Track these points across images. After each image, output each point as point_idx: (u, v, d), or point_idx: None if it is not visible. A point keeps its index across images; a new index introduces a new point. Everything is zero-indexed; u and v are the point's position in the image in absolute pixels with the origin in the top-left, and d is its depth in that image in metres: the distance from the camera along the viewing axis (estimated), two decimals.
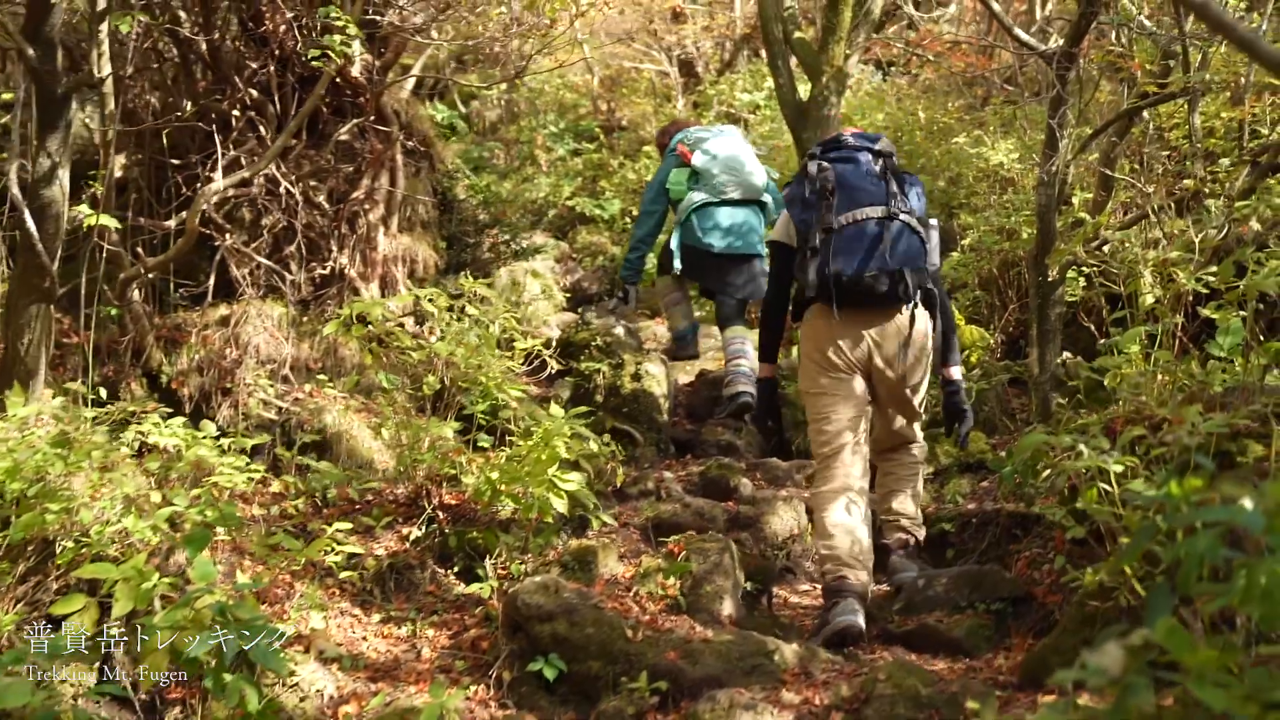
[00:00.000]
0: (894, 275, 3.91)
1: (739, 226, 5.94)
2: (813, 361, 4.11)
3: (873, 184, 4.03)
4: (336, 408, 4.88)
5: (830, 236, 3.94)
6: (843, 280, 3.89)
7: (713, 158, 5.98)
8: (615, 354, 6.37)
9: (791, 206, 4.14)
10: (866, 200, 3.98)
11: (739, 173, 5.97)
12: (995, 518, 4.87)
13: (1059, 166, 5.34)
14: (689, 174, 6.05)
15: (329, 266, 5.73)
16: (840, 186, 4.01)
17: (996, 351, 6.43)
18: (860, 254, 3.91)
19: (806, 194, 4.06)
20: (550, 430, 3.84)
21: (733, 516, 5.23)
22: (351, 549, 3.63)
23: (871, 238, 3.93)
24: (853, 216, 3.95)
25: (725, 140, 6.08)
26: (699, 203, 5.95)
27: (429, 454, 4.10)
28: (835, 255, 3.91)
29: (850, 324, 3.99)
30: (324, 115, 5.73)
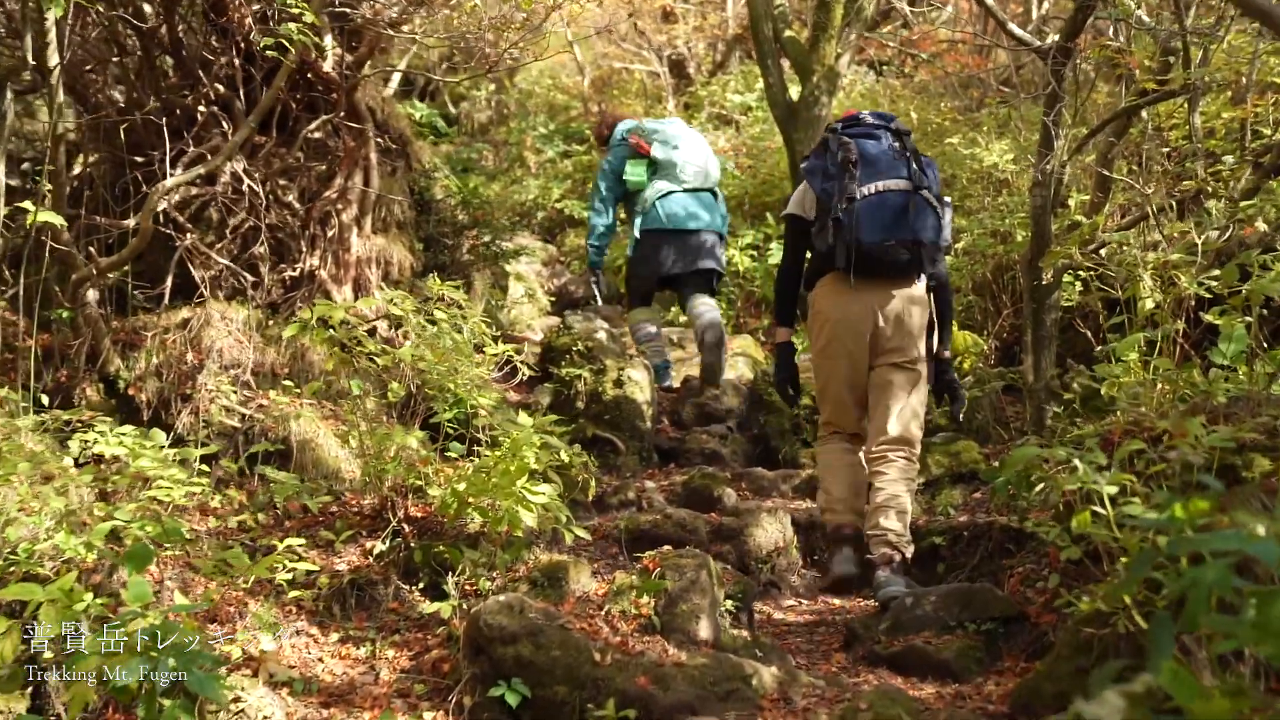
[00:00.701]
0: (913, 247, 4.05)
1: (701, 207, 6.12)
2: (824, 329, 4.24)
3: (893, 157, 4.15)
4: (302, 415, 4.67)
5: (854, 205, 4.03)
6: (863, 248, 4.01)
7: (673, 148, 6.14)
8: (597, 359, 6.18)
9: (812, 178, 4.21)
10: (890, 173, 4.09)
11: (698, 162, 6.16)
12: (988, 531, 4.68)
13: (1054, 166, 5.15)
14: (648, 165, 6.18)
15: (299, 268, 5.52)
16: (863, 159, 4.10)
17: (990, 358, 6.24)
18: (884, 223, 4.03)
19: (829, 165, 4.14)
20: (519, 440, 3.64)
21: (715, 528, 5.04)
22: (306, 565, 3.43)
23: (895, 209, 4.04)
24: (876, 187, 4.05)
25: (679, 131, 6.25)
26: (664, 190, 6.11)
27: (393, 464, 3.89)
28: (859, 223, 4.01)
29: (864, 291, 4.12)
30: (293, 111, 5.53)
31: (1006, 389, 5.97)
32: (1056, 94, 4.79)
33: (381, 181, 6.00)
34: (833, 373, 4.29)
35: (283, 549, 3.38)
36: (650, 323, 6.42)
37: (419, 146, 6.50)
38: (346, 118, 5.73)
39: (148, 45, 4.99)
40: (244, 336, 4.87)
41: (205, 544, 3.83)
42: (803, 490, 5.65)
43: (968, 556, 4.71)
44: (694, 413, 6.44)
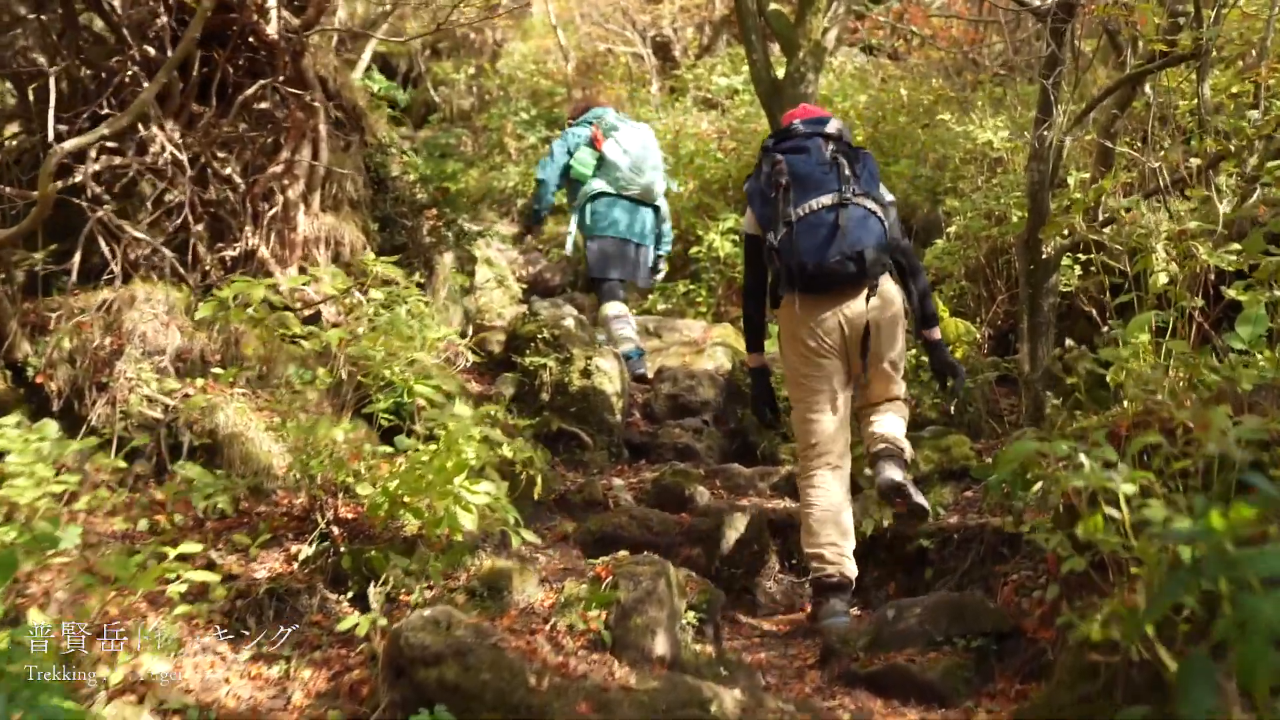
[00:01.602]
0: (856, 258, 4.01)
1: (632, 219, 6.12)
2: (792, 350, 4.21)
3: (824, 172, 4.14)
4: (232, 405, 4.27)
5: (790, 229, 4.06)
6: (807, 270, 4.01)
7: (623, 151, 6.13)
8: (564, 348, 5.79)
9: (752, 201, 4.26)
10: (820, 190, 4.11)
11: (642, 175, 6.15)
12: (980, 534, 4.29)
13: (1054, 138, 4.75)
14: (597, 160, 6.17)
15: (239, 248, 5.11)
16: (794, 178, 4.12)
17: (983, 347, 5.84)
18: (820, 242, 4.03)
19: (764, 187, 4.18)
20: (455, 433, 3.24)
21: (686, 530, 4.66)
22: (203, 576, 3.02)
23: (829, 225, 4.05)
24: (809, 207, 4.07)
25: (638, 137, 6.23)
26: (596, 191, 6.12)
27: (317, 460, 3.49)
28: (797, 246, 4.03)
29: (821, 308, 4.10)
30: (233, 78, 5.11)
31: (1001, 380, 5.57)
32: (1056, 57, 4.39)
33: (333, 156, 5.59)
34: (808, 395, 4.19)
35: (174, 557, 2.97)
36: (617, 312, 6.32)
37: (375, 120, 6.09)
38: (292, 85, 5.32)
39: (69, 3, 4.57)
40: (174, 320, 4.46)
41: (109, 549, 3.43)
42: (781, 488, 5.27)
43: (957, 561, 4.32)
44: (667, 405, 6.05)
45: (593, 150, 6.22)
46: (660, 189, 6.33)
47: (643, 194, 6.19)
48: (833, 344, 4.12)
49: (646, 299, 8.01)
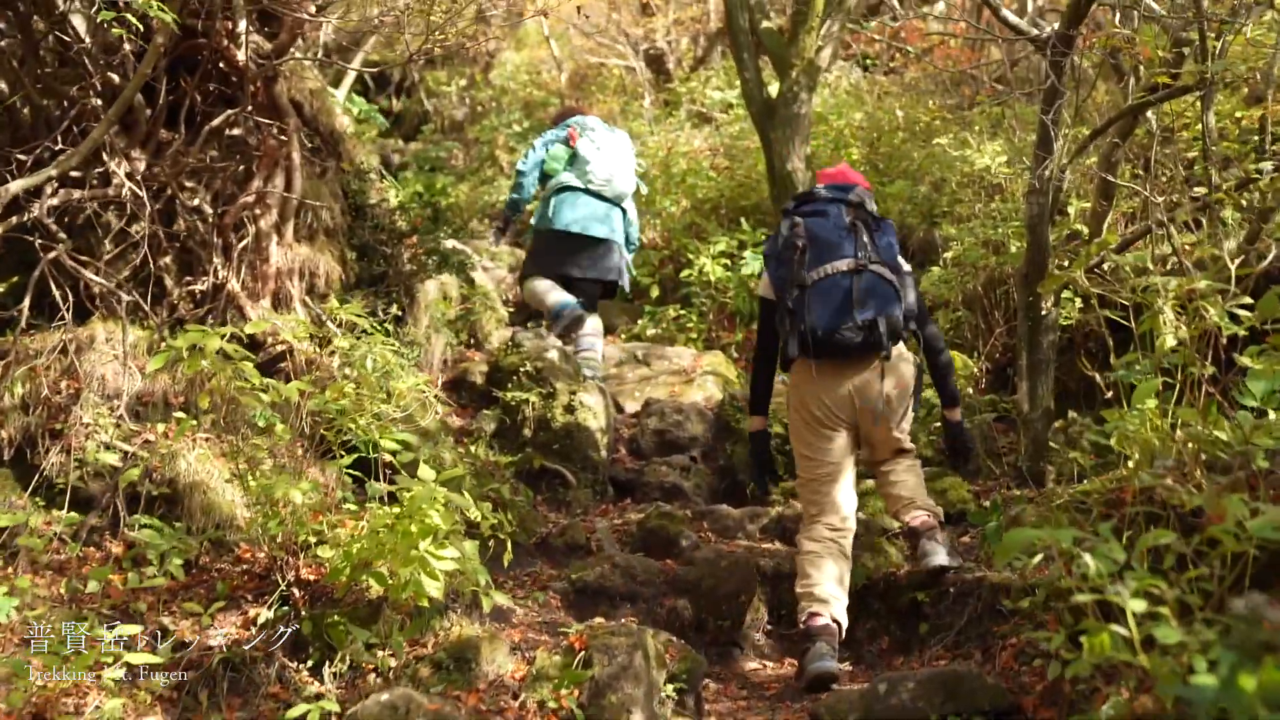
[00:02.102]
0: (868, 326, 3.99)
1: (596, 214, 6.07)
2: (799, 416, 4.19)
3: (841, 236, 4.11)
4: (194, 452, 4.07)
5: (804, 293, 4.03)
6: (818, 335, 3.98)
7: (596, 148, 6.12)
8: (547, 382, 5.60)
9: (768, 264, 4.23)
10: (837, 254, 4.07)
11: (612, 174, 6.12)
12: (977, 589, 4.10)
13: (1053, 171, 4.57)
14: (569, 156, 6.16)
15: (208, 281, 4.92)
16: (812, 242, 4.10)
17: (981, 382, 5.66)
18: (833, 308, 4.00)
19: (781, 250, 4.15)
20: (419, 498, 3.05)
21: (671, 579, 4.48)
22: (144, 659, 2.82)
23: (843, 291, 4.01)
24: (824, 271, 4.04)
25: (613, 140, 6.24)
26: (564, 184, 6.10)
27: (275, 520, 3.30)
28: (810, 310, 4.00)
29: (831, 376, 4.09)
30: (200, 105, 4.92)
31: (999, 416, 5.38)
32: (1056, 89, 4.21)
33: (308, 184, 5.40)
34: (812, 464, 4.16)
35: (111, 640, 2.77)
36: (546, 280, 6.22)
37: (354, 145, 5.90)
38: (265, 112, 5.13)
39: (27, 25, 4.38)
40: (135, 361, 4.27)
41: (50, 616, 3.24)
42: (771, 531, 5.08)
43: (954, 617, 4.13)
44: (654, 441, 5.86)
45: (566, 146, 6.23)
46: (629, 189, 6.29)
47: (611, 193, 6.15)
48: (841, 415, 4.11)
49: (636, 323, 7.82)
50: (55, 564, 3.70)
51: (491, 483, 4.98)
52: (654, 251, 8.60)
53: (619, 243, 6.20)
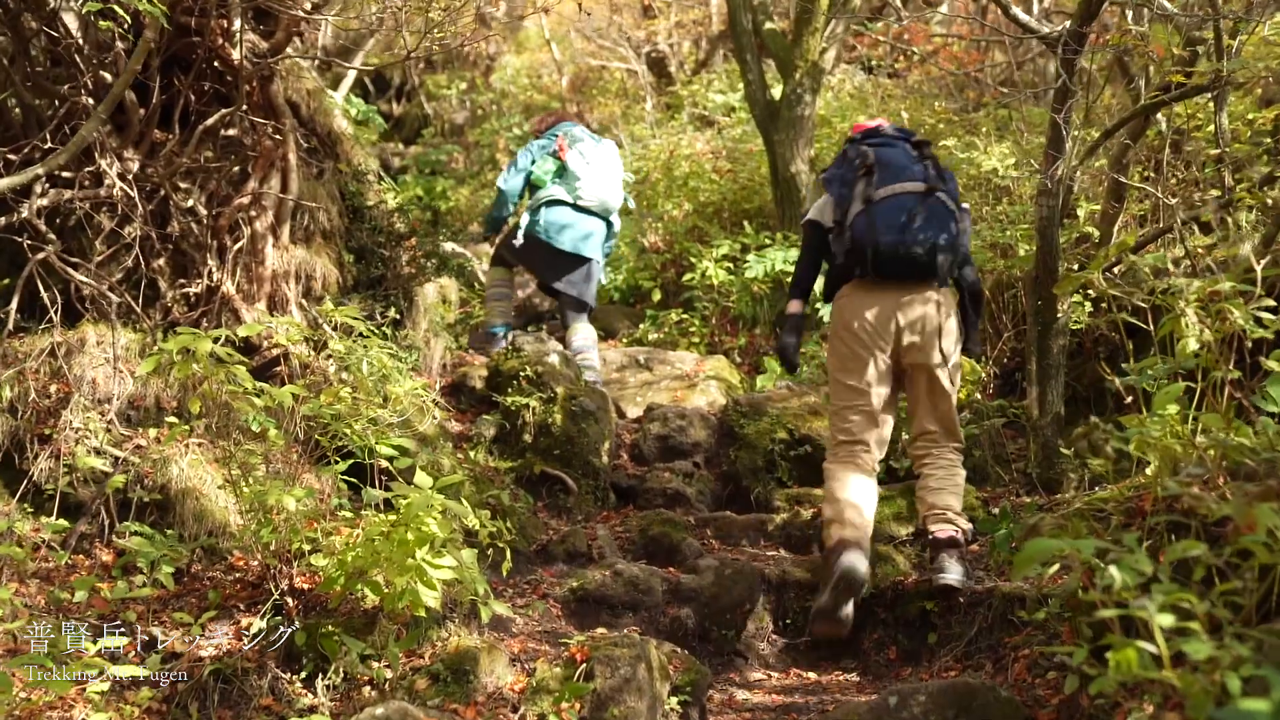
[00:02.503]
0: (931, 248, 3.99)
1: (584, 231, 6.09)
2: (840, 341, 4.17)
3: (911, 161, 4.15)
4: (186, 458, 3.98)
5: (871, 207, 4.03)
6: (881, 249, 3.97)
7: (586, 163, 6.11)
8: (547, 386, 5.50)
9: (830, 185, 4.23)
10: (907, 176, 4.08)
11: (601, 188, 6.11)
12: (987, 599, 4.00)
13: (1064, 172, 4.48)
14: (558, 168, 6.14)
15: (202, 284, 4.83)
16: (880, 164, 4.12)
17: (989, 387, 5.56)
18: (899, 224, 4.00)
19: (847, 172, 4.18)
20: (415, 505, 2.96)
21: (673, 587, 4.38)
22: (129, 671, 2.73)
23: (911, 210, 4.01)
24: (893, 190, 4.04)
25: (602, 152, 6.22)
26: (553, 197, 6.08)
27: (267, 528, 3.20)
28: (875, 225, 4.00)
29: (883, 297, 4.07)
30: (194, 105, 4.83)
31: (1007, 423, 5.28)
32: (1067, 88, 4.12)
33: (305, 185, 5.31)
34: (854, 385, 4.13)
35: (95, 652, 2.68)
36: (505, 284, 6.50)
37: (351, 146, 5.81)
38: (260, 112, 5.04)
39: (17, 23, 4.30)
40: (126, 365, 4.18)
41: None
42: (776, 538, 4.98)
43: (963, 627, 4.03)
44: (657, 447, 5.76)
45: (555, 159, 6.21)
46: (617, 204, 6.30)
47: (599, 207, 6.17)
48: (883, 339, 4.07)
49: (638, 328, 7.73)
50: (43, 572, 3.61)
51: (491, 489, 4.89)
52: (656, 255, 8.52)
53: (596, 262, 6.28)
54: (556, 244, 6.07)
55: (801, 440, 5.48)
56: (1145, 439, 2.55)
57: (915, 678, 4.06)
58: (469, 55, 16.50)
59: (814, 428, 5.54)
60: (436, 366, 6.36)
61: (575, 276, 6.15)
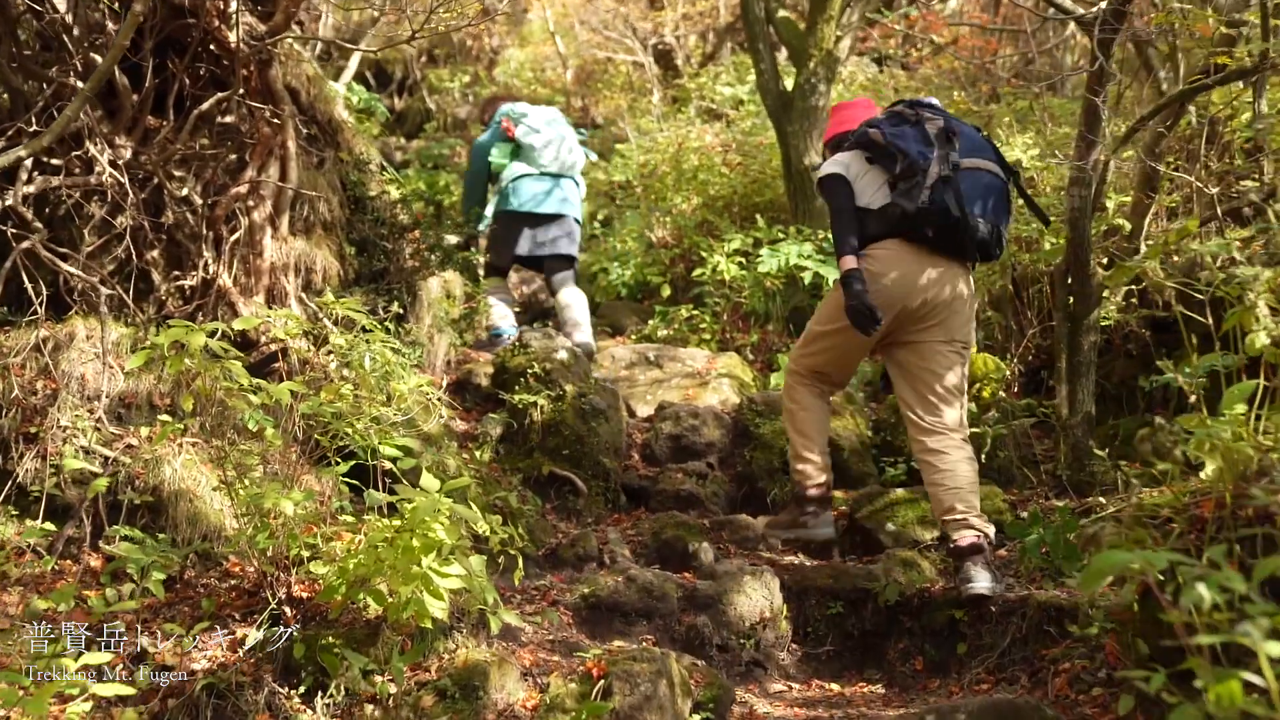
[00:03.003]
0: (994, 231, 4.02)
1: (554, 192, 6.24)
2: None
3: (983, 142, 4.14)
4: (179, 458, 3.79)
5: (959, 174, 3.95)
6: (956, 219, 3.90)
7: (536, 132, 6.25)
8: (556, 384, 5.31)
9: (902, 140, 4.03)
10: (982, 154, 4.08)
11: (558, 150, 6.27)
12: (1021, 607, 3.80)
13: (1098, 159, 4.28)
14: (511, 148, 6.28)
15: (197, 276, 4.64)
16: (959, 133, 4.07)
17: (1014, 386, 5.36)
18: (980, 198, 3.99)
19: (929, 131, 4.04)
20: (421, 510, 2.76)
21: (689, 594, 4.19)
22: (114, 690, 2.53)
23: (987, 187, 4.02)
24: (975, 163, 4.03)
25: (547, 118, 6.37)
26: (518, 174, 6.24)
27: (263, 532, 3.01)
28: (957, 190, 3.93)
29: (930, 262, 4.00)
30: (189, 89, 4.63)
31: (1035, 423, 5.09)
32: (1105, 70, 3.92)
33: (305, 174, 5.11)
34: (849, 342, 4.14)
35: (77, 669, 2.48)
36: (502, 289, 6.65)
37: (353, 135, 5.61)
38: (259, 98, 4.84)
39: (4, 3, 4.10)
40: (114, 360, 3.98)
41: (16, 638, 2.95)
42: (794, 543, 4.78)
43: (995, 637, 3.85)
44: (669, 447, 5.56)
45: (505, 141, 6.36)
46: (578, 159, 6.49)
47: (562, 168, 6.34)
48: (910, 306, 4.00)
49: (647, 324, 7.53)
50: (27, 579, 3.41)
51: (498, 491, 4.70)
52: (665, 250, 8.32)
53: (573, 218, 6.43)
54: (541, 210, 6.25)
55: None
56: (1210, 440, 2.35)
57: (944, 690, 3.87)
58: (472, 49, 16.33)
59: (833, 427, 5.34)
60: (441, 363, 6.16)
61: (550, 236, 6.31)
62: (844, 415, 5.46)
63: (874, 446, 5.40)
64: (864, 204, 4.07)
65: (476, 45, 16.26)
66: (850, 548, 4.70)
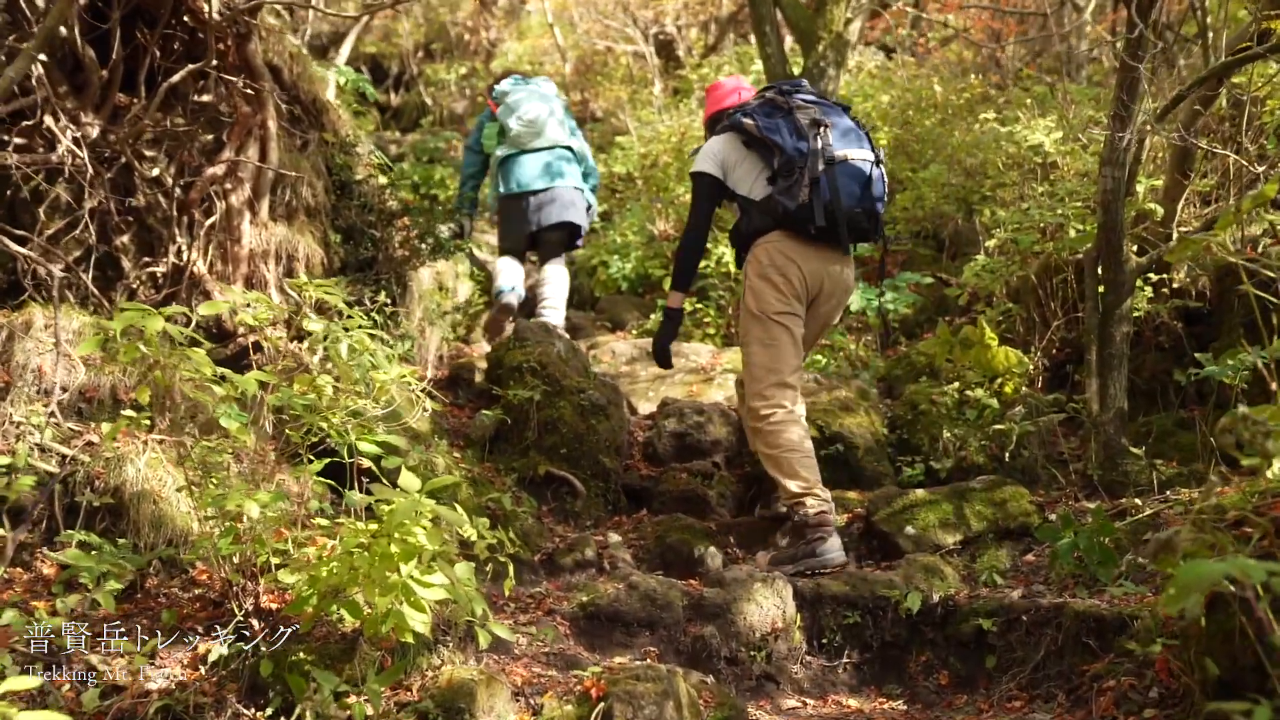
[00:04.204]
0: (874, 217, 4.18)
1: (545, 167, 6.05)
2: (771, 285, 4.19)
3: (855, 130, 4.25)
4: (143, 457, 3.49)
5: (833, 169, 4.07)
6: (837, 212, 4.06)
7: (513, 111, 6.07)
8: (553, 379, 5.01)
9: (775, 134, 4.14)
10: (857, 142, 4.19)
11: (538, 125, 6.07)
12: (1055, 617, 3.51)
13: (1133, 137, 3.99)
14: (498, 130, 6.13)
15: (169, 262, 4.35)
16: (833, 125, 4.17)
17: (1038, 381, 5.06)
18: (856, 190, 4.12)
19: (801, 123, 4.14)
20: (400, 512, 2.47)
21: (695, 603, 3.89)
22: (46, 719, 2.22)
23: (865, 177, 4.14)
24: (849, 154, 4.12)
25: (528, 94, 6.16)
26: (503, 156, 6.11)
27: (226, 537, 2.71)
28: (837, 186, 4.07)
29: (818, 253, 4.18)
30: (159, 62, 4.34)
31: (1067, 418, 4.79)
32: (1144, 38, 3.63)
33: (287, 156, 4.83)
34: (779, 331, 4.21)
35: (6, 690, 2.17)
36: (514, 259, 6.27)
37: (339, 116, 5.31)
38: (237, 74, 4.55)
39: None
40: (72, 351, 3.69)
41: None
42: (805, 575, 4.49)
43: (1027, 650, 3.55)
44: (672, 445, 5.26)
45: (493, 120, 6.21)
46: (563, 135, 6.24)
47: (546, 141, 6.13)
48: (809, 290, 4.20)
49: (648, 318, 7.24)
50: None
51: (490, 492, 4.40)
52: (666, 243, 8.03)
53: (567, 187, 6.12)
54: (532, 188, 6.03)
55: (833, 438, 4.99)
56: None
57: (972, 707, 3.57)
58: (469, 43, 16.05)
59: (846, 425, 5.06)
60: (433, 357, 5.89)
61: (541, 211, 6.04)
62: (858, 412, 5.17)
63: (890, 445, 5.10)
64: (745, 194, 4.23)
65: (475, 39, 16.00)
66: (867, 553, 4.41)
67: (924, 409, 5.03)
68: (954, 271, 6.42)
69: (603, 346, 6.48)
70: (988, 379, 4.91)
